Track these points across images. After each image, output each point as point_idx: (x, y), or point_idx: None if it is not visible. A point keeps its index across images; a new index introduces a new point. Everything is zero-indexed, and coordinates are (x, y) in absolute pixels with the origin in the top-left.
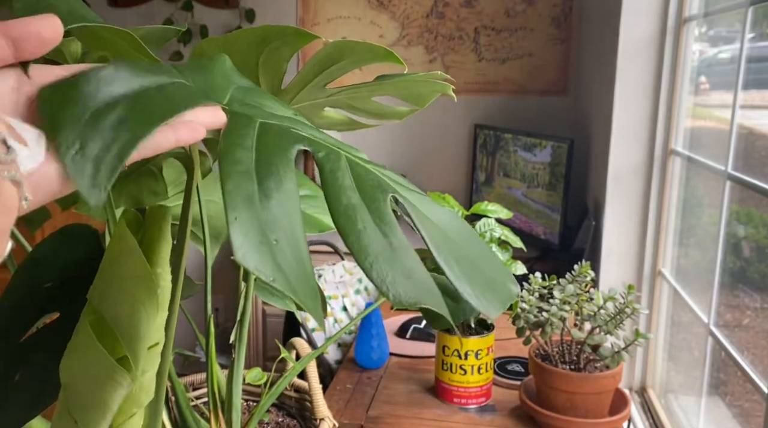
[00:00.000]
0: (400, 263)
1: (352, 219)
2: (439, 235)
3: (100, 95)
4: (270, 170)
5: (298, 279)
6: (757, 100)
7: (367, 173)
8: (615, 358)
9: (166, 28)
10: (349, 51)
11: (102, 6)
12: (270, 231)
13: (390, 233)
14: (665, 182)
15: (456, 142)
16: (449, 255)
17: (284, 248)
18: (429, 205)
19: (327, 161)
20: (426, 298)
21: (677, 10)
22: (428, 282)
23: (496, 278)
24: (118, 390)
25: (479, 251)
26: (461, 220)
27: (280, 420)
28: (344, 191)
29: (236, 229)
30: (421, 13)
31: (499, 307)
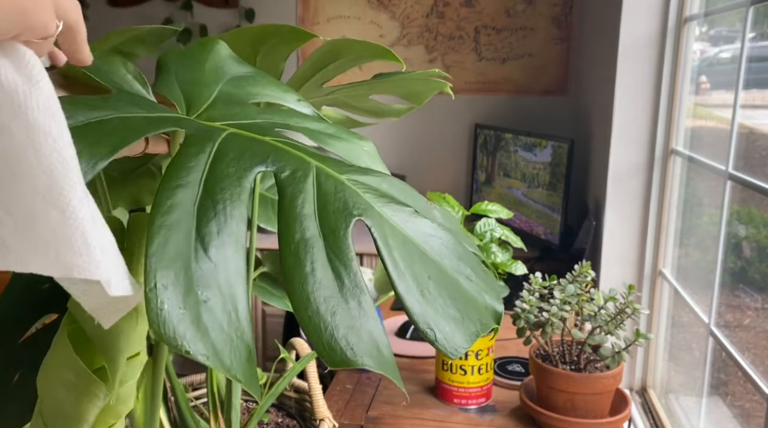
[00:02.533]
0: (344, 310)
1: (300, 260)
2: (408, 253)
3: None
4: (215, 210)
5: (226, 340)
6: (758, 100)
7: (336, 191)
8: (615, 358)
9: (162, 28)
10: (347, 49)
11: (101, 6)
12: (201, 287)
13: (343, 271)
14: (666, 182)
15: (456, 142)
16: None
17: (215, 304)
18: (407, 217)
19: (290, 182)
20: (367, 356)
21: (678, 10)
22: (375, 334)
23: (477, 298)
24: (94, 401)
25: (461, 267)
26: (445, 233)
27: (279, 421)
28: (300, 223)
29: (153, 298)
30: (421, 13)
31: (462, 344)
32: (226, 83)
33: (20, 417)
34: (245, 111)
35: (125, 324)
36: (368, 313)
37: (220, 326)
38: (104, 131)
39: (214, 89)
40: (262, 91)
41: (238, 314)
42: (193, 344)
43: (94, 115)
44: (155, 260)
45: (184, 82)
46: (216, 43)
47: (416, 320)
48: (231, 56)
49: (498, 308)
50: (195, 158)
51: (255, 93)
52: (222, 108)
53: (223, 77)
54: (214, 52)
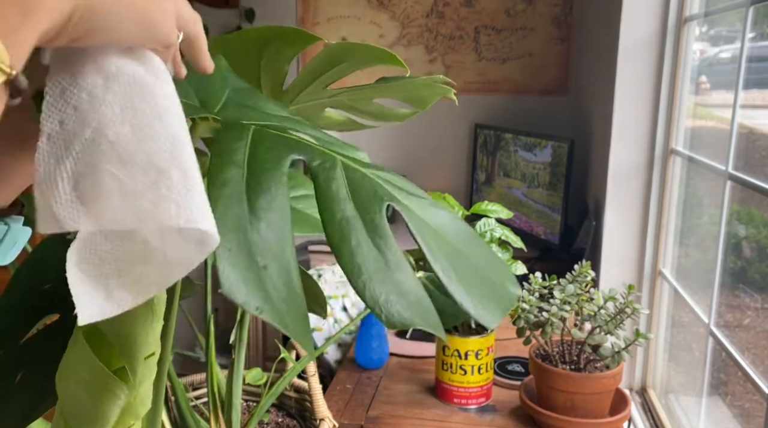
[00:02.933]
0: (393, 281)
1: (346, 236)
2: (437, 240)
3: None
4: (262, 188)
5: (287, 307)
6: (758, 100)
7: (363, 180)
8: (615, 358)
9: None
10: (351, 53)
11: None
12: (259, 255)
13: (385, 247)
14: (666, 182)
15: (456, 142)
16: (446, 261)
17: (273, 273)
18: (428, 208)
19: (322, 169)
20: (420, 318)
21: (678, 10)
22: (422, 300)
23: (496, 281)
24: (115, 401)
25: (479, 254)
26: (461, 222)
27: (280, 420)
28: (338, 203)
29: (222, 259)
30: (421, 13)
31: (498, 316)
32: (232, 91)
33: (22, 417)
34: (257, 114)
35: (142, 323)
36: (413, 281)
37: (280, 292)
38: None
39: (223, 94)
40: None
41: (292, 282)
42: (262, 306)
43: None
44: (222, 228)
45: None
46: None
47: (454, 295)
48: (229, 70)
49: (515, 291)
50: (237, 141)
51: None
52: (235, 110)
53: (227, 86)
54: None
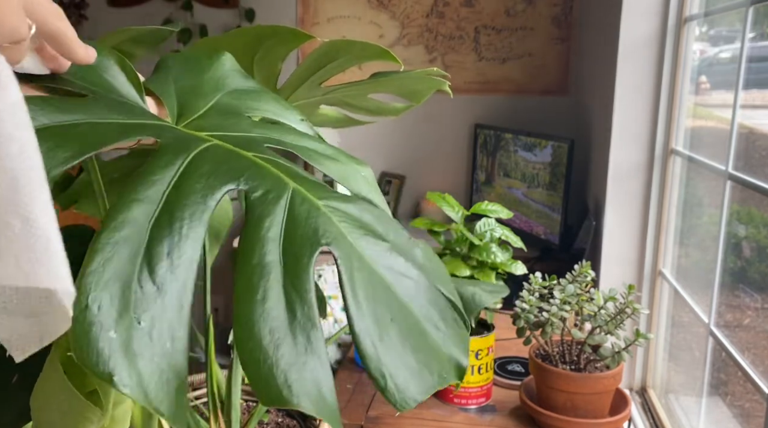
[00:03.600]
0: (289, 345)
1: (252, 286)
2: (374, 293)
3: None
4: (171, 229)
5: (155, 370)
6: (758, 100)
7: (309, 216)
8: (615, 358)
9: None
10: (345, 50)
11: (102, 6)
12: (140, 310)
13: (298, 302)
14: (666, 182)
15: (456, 142)
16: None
17: (152, 329)
18: (382, 252)
19: (260, 203)
20: (305, 397)
21: (678, 10)
22: (319, 375)
23: (437, 350)
24: (88, 425)
25: (430, 313)
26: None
27: (279, 420)
28: (262, 246)
29: (80, 319)
30: (421, 13)
31: (413, 397)
32: (225, 95)
33: (19, 418)
34: (239, 124)
35: None
36: (316, 351)
37: (151, 354)
38: (67, 136)
39: (211, 99)
40: (263, 106)
41: (175, 343)
42: (118, 371)
43: (62, 118)
44: (92, 280)
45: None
46: (223, 54)
47: (369, 364)
48: (236, 70)
49: (462, 362)
50: (162, 170)
51: (255, 107)
52: (215, 118)
53: (223, 89)
54: (219, 63)
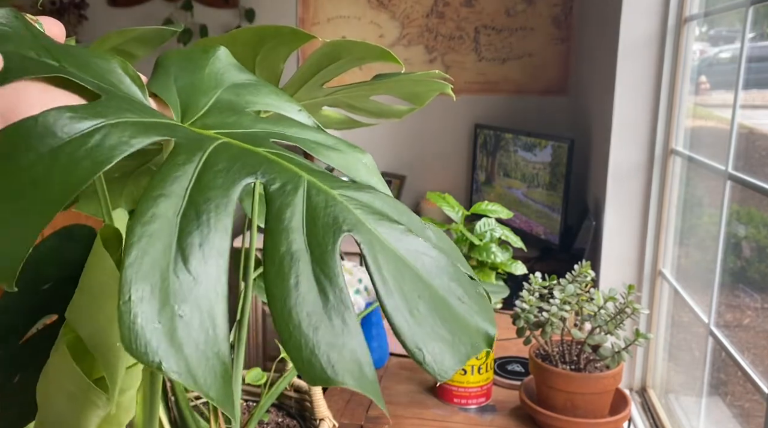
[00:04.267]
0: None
1: (284, 273)
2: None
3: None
4: (199, 222)
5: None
6: (758, 100)
7: (327, 206)
8: (615, 358)
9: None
10: (347, 50)
11: (102, 6)
12: (179, 302)
13: (329, 287)
14: (665, 182)
15: (456, 142)
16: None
17: (193, 320)
18: (399, 234)
19: (279, 194)
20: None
21: (677, 10)
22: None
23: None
24: (95, 411)
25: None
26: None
27: (280, 420)
28: (287, 235)
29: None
30: (421, 13)
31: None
32: (225, 90)
33: (20, 418)
34: (242, 120)
35: None
36: (352, 331)
37: (196, 342)
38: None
39: (212, 96)
40: (261, 99)
41: (216, 330)
42: (166, 360)
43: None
44: (132, 272)
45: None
46: (218, 49)
47: (404, 339)
48: (232, 63)
49: (491, 331)
50: (182, 167)
51: (254, 101)
52: (218, 116)
53: (222, 84)
54: (216, 58)
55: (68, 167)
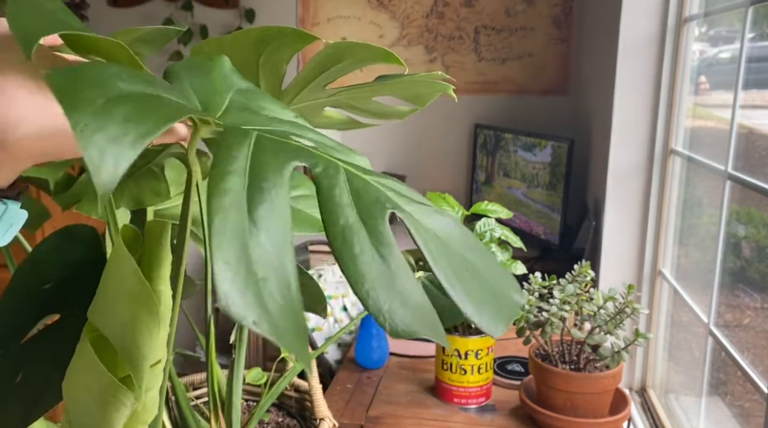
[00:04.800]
0: (397, 289)
1: (348, 242)
2: (439, 246)
3: (111, 88)
4: (263, 197)
5: (285, 321)
6: (758, 100)
7: (366, 187)
8: (615, 358)
9: (165, 29)
10: (349, 52)
11: (102, 6)
12: (258, 267)
13: (388, 255)
14: (665, 182)
15: (456, 142)
16: (449, 268)
17: (272, 286)
18: (431, 214)
19: (325, 176)
20: (423, 327)
21: (677, 10)
22: (425, 308)
23: (499, 289)
24: (121, 409)
25: (482, 260)
26: (464, 228)
27: (280, 420)
28: (342, 210)
29: (221, 274)
30: (421, 13)
31: (501, 325)
32: (235, 93)
33: (22, 418)
34: (259, 119)
35: (147, 332)
36: (417, 289)
37: (278, 304)
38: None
39: (226, 97)
40: (263, 104)
41: (291, 295)
42: (259, 320)
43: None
44: (220, 240)
45: (197, 89)
46: (220, 56)
47: (458, 303)
48: (233, 70)
49: (519, 300)
50: (238, 148)
51: (261, 106)
52: (238, 114)
53: (231, 87)
54: (220, 64)
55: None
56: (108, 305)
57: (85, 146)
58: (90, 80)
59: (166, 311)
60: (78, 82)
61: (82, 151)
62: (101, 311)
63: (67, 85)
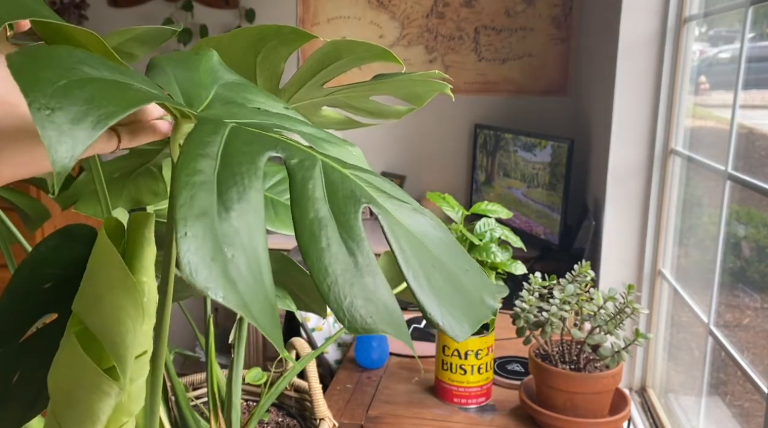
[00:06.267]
0: (361, 284)
1: (315, 236)
2: (413, 245)
3: (75, 71)
4: (234, 180)
5: (253, 296)
6: (758, 100)
7: (343, 181)
8: (615, 358)
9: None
10: (347, 50)
11: (102, 6)
12: (227, 245)
13: (357, 249)
14: (665, 182)
15: (456, 142)
16: (420, 268)
17: (240, 262)
18: (409, 212)
19: (300, 168)
20: (384, 324)
21: (677, 10)
22: (389, 305)
23: (473, 292)
24: (106, 400)
25: (458, 262)
26: (443, 229)
27: (280, 420)
28: (313, 203)
29: (185, 244)
30: (421, 13)
31: (466, 329)
32: (220, 86)
33: (20, 416)
34: (243, 111)
35: (131, 323)
36: (382, 285)
37: (247, 282)
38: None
39: (211, 90)
40: (252, 97)
41: (262, 275)
42: (225, 292)
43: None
44: (185, 211)
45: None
46: (208, 50)
47: (424, 305)
48: (222, 64)
49: (493, 304)
50: (211, 135)
51: (248, 98)
52: (221, 107)
53: (217, 80)
54: (207, 58)
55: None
56: (92, 296)
57: (42, 125)
58: (51, 61)
59: (150, 303)
60: (38, 62)
61: (39, 130)
62: (86, 302)
63: (26, 65)
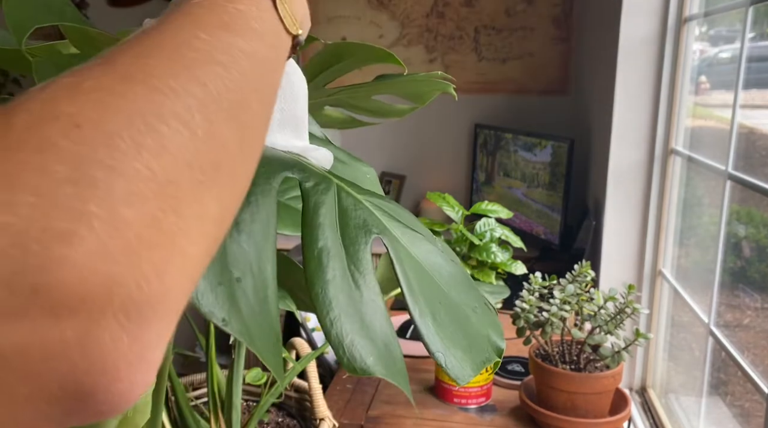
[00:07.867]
0: (363, 322)
1: (323, 266)
2: (422, 279)
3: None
4: (248, 200)
5: (257, 324)
6: (758, 100)
7: (356, 208)
8: (615, 358)
9: None
10: (349, 53)
11: (102, 6)
12: (235, 267)
13: (363, 282)
14: (665, 182)
15: (456, 142)
16: (426, 305)
17: (247, 287)
18: (421, 244)
19: (314, 192)
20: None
21: (677, 10)
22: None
23: (479, 331)
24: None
25: (467, 299)
26: (455, 264)
27: (280, 420)
28: (323, 231)
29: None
30: (421, 13)
31: (471, 371)
32: None
33: None
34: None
35: None
36: (385, 325)
37: (252, 309)
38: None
39: None
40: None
41: (267, 298)
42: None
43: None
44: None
45: None
46: None
47: (428, 343)
48: None
49: (501, 344)
50: None
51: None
52: None
53: None
54: None
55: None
56: None
57: None
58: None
59: None
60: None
61: None
62: None
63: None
